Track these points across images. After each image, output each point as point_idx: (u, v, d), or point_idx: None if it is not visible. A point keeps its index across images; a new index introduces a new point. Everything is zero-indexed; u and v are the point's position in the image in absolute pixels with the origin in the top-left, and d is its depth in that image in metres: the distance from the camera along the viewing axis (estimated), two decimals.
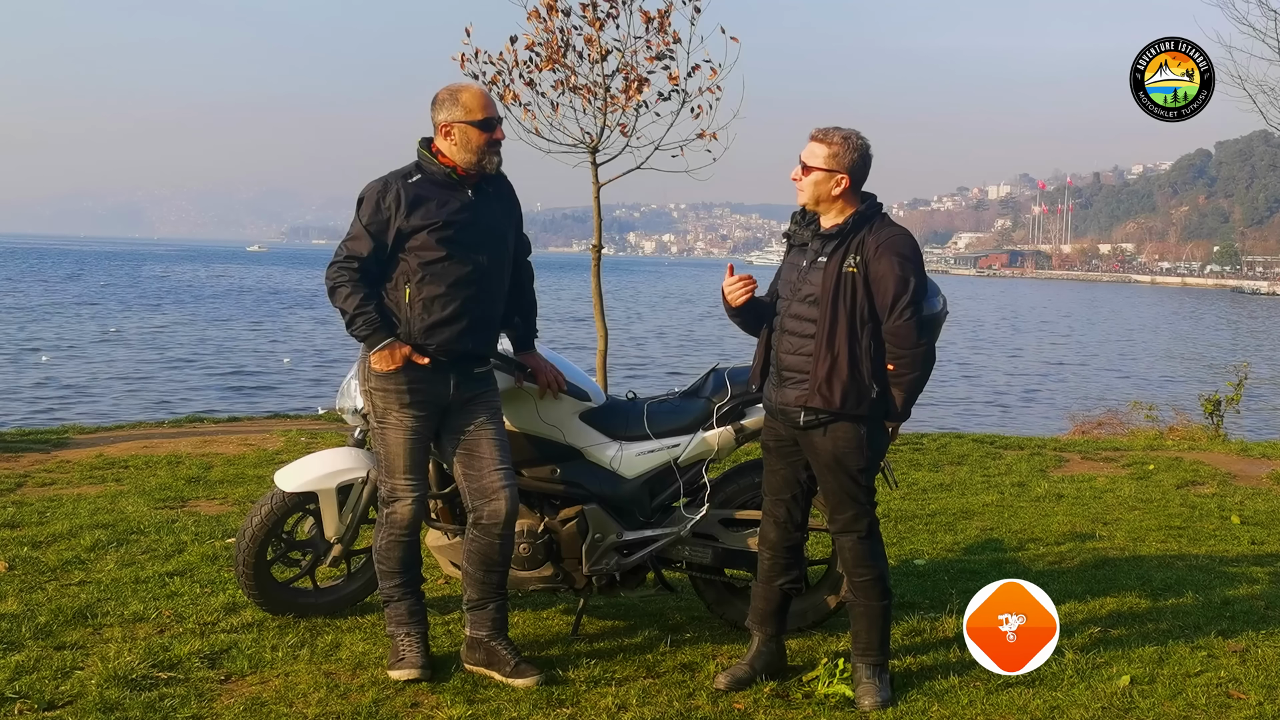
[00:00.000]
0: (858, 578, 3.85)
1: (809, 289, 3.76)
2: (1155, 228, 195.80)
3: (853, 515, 3.84)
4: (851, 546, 3.87)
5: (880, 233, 3.73)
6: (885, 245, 3.69)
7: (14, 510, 6.01)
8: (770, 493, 4.03)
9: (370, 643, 4.16)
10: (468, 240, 3.85)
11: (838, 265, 3.70)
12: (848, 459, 3.77)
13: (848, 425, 3.74)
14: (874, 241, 3.70)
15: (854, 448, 3.76)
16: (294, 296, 52.62)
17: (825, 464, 3.80)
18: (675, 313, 50.53)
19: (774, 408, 3.90)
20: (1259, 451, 9.67)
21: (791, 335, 3.80)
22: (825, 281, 3.70)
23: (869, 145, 3.78)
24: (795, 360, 3.79)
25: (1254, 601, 4.99)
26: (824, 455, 3.79)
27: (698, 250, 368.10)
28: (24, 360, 22.11)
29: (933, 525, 6.41)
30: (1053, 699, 3.78)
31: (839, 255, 3.71)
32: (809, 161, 3.76)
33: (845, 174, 3.73)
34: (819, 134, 3.78)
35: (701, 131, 8.10)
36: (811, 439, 3.79)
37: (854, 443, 3.76)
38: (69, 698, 3.58)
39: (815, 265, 3.76)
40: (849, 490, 3.82)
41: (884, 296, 3.67)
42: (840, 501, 3.84)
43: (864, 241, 3.71)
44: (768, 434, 4.01)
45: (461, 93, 3.87)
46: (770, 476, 4.02)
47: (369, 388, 3.91)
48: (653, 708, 3.65)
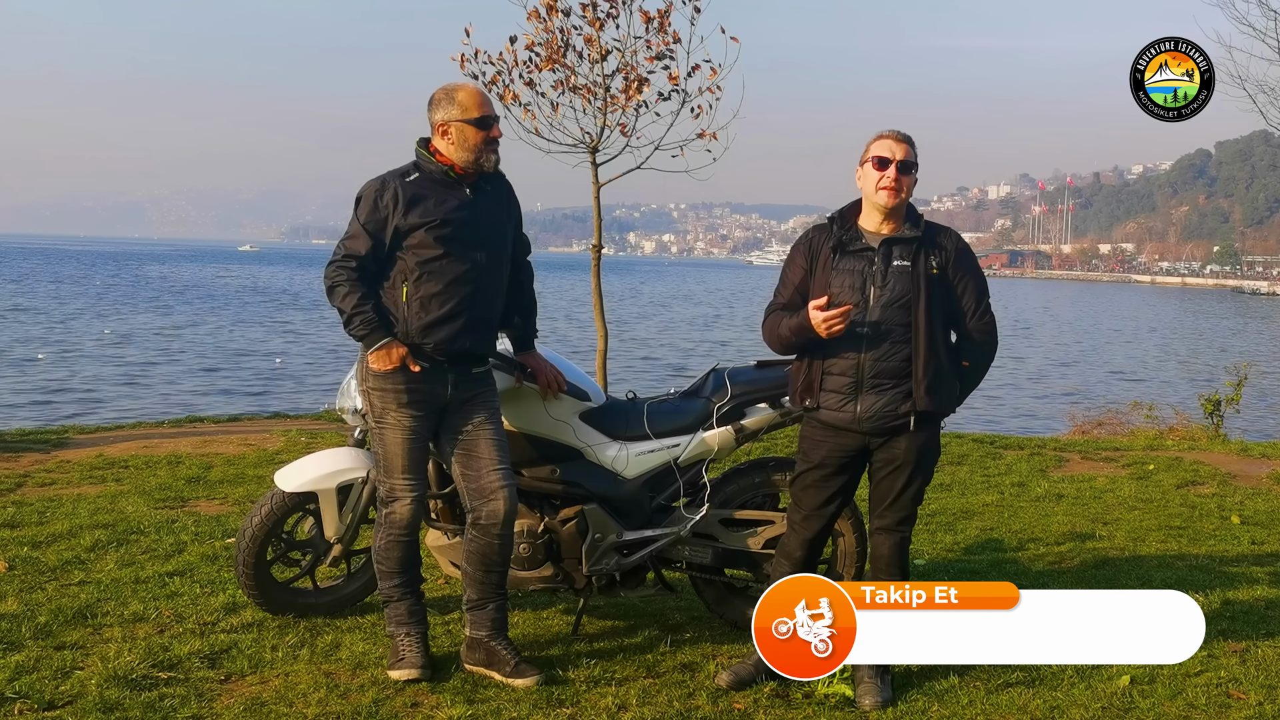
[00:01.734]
0: (888, 578, 3.84)
1: (896, 294, 3.70)
2: (1155, 228, 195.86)
3: (906, 516, 3.88)
4: (894, 546, 3.89)
5: (949, 235, 3.81)
6: (962, 247, 3.79)
7: (14, 510, 6.01)
8: (809, 508, 3.91)
9: (370, 643, 4.16)
10: (465, 239, 3.85)
11: (924, 268, 3.71)
12: (928, 458, 3.84)
13: (933, 425, 3.82)
14: (949, 244, 3.77)
15: (935, 446, 3.86)
16: (273, 294, 52.83)
17: (906, 464, 3.81)
18: (680, 312, 50.57)
19: (850, 418, 3.77)
20: (1259, 451, 9.67)
21: (881, 341, 3.72)
22: (916, 285, 3.70)
23: None
24: (888, 365, 3.72)
25: (1254, 601, 4.98)
26: (909, 455, 3.80)
27: (698, 250, 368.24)
28: (23, 360, 22.10)
29: (933, 525, 6.41)
30: (1053, 699, 3.78)
31: (921, 258, 3.73)
32: (910, 160, 3.74)
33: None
34: (900, 135, 3.76)
35: (701, 131, 8.11)
36: (897, 442, 3.79)
37: (936, 442, 3.86)
38: (69, 698, 3.58)
39: (894, 270, 3.72)
40: (916, 491, 3.86)
41: (969, 296, 3.75)
42: (903, 503, 3.86)
43: (937, 243, 3.76)
44: (825, 451, 3.85)
45: (458, 91, 3.87)
46: (814, 492, 3.90)
47: (367, 387, 3.90)
48: (653, 708, 3.65)
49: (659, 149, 8.27)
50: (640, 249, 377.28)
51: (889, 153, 3.71)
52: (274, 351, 25.51)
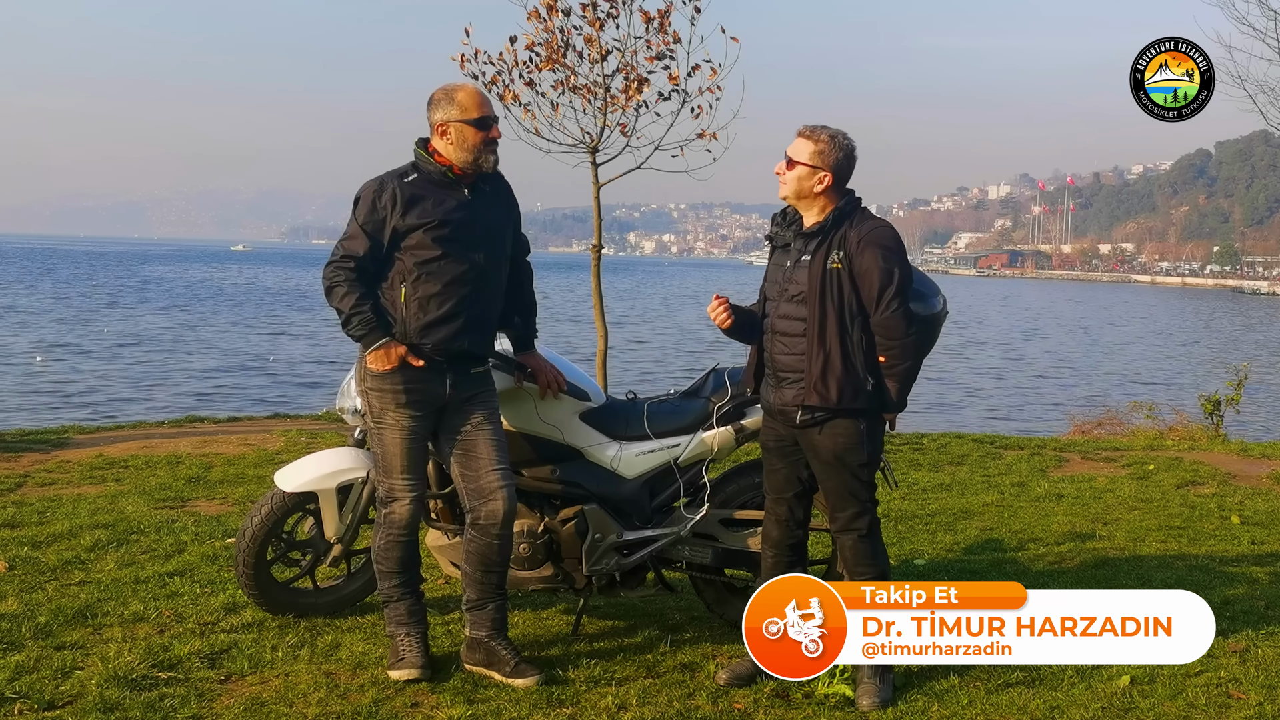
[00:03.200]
0: (859, 577, 3.85)
1: (795, 288, 3.78)
2: (1155, 228, 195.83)
3: (854, 513, 3.85)
4: (853, 545, 3.87)
5: (861, 226, 3.75)
6: (867, 239, 3.72)
7: (14, 510, 6.01)
8: (772, 491, 4.04)
9: (370, 643, 4.16)
10: (464, 239, 3.85)
11: (822, 262, 3.72)
12: (848, 455, 3.79)
13: (846, 421, 3.76)
14: (855, 236, 3.73)
15: (854, 443, 3.78)
16: (253, 292, 52.99)
17: (826, 461, 3.81)
18: (684, 311, 50.57)
19: (772, 408, 3.92)
20: (1259, 451, 9.67)
21: (782, 335, 3.83)
22: (811, 279, 3.73)
23: (854, 146, 3.81)
24: (789, 359, 3.81)
25: (1254, 601, 4.99)
26: (824, 452, 3.80)
27: (698, 250, 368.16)
28: (22, 361, 22.10)
29: (933, 525, 6.41)
30: (1053, 699, 3.78)
31: (822, 252, 3.74)
32: (794, 156, 3.78)
33: (829, 172, 3.75)
34: (806, 131, 3.80)
35: (701, 131, 8.11)
36: (811, 437, 3.80)
37: (854, 438, 3.77)
38: (69, 698, 3.58)
39: (800, 264, 3.79)
40: (850, 487, 3.83)
41: (870, 290, 3.70)
42: (841, 499, 3.85)
43: (845, 236, 3.74)
44: (767, 434, 4.01)
45: (457, 92, 3.87)
46: (771, 475, 4.03)
47: (365, 387, 3.90)
48: (653, 708, 3.65)
49: (659, 149, 8.26)
50: (640, 249, 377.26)
51: (789, 147, 3.80)
52: (267, 353, 25.54)
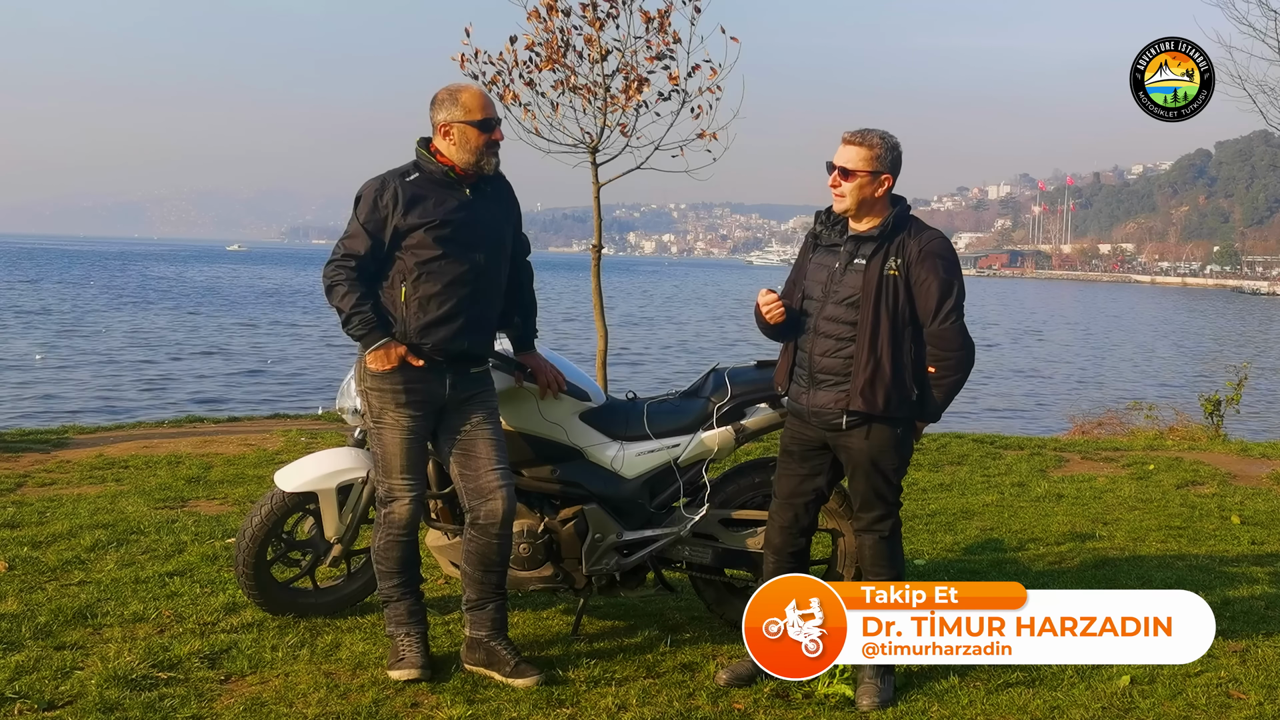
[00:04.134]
0: (876, 577, 3.85)
1: (846, 291, 3.73)
2: (1155, 228, 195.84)
3: (879, 515, 3.86)
4: (873, 545, 3.88)
5: (920, 236, 3.73)
6: (928, 249, 3.69)
7: (14, 510, 6.01)
8: (782, 495, 3.98)
9: (370, 643, 4.16)
10: (464, 239, 3.85)
11: (879, 268, 3.68)
12: (883, 460, 3.79)
13: (885, 427, 3.76)
14: (915, 245, 3.70)
15: (890, 448, 3.78)
16: (237, 292, 53.08)
17: (859, 464, 3.80)
18: (689, 311, 50.58)
19: (804, 410, 3.85)
20: (1259, 451, 9.67)
21: (827, 338, 3.77)
22: (866, 284, 3.68)
23: (900, 143, 3.78)
24: (830, 362, 3.76)
25: (1254, 601, 4.99)
26: (859, 456, 3.79)
27: (698, 250, 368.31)
28: (22, 361, 22.10)
29: (933, 525, 6.41)
30: (1053, 699, 3.78)
31: (879, 258, 3.70)
32: (849, 165, 3.69)
33: (889, 174, 3.72)
34: (855, 137, 3.72)
35: (701, 131, 8.11)
36: (847, 440, 3.78)
37: (890, 444, 3.78)
38: (69, 698, 3.58)
39: (853, 268, 3.73)
40: (880, 490, 3.83)
41: (928, 300, 3.68)
42: (868, 501, 3.85)
43: (904, 244, 3.70)
44: (790, 437, 3.95)
45: (461, 93, 3.87)
46: (784, 479, 3.97)
47: (365, 387, 3.90)
48: (653, 708, 3.65)
49: (659, 149, 8.27)
50: (640, 249, 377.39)
51: (837, 157, 3.73)
52: (268, 354, 25.53)
